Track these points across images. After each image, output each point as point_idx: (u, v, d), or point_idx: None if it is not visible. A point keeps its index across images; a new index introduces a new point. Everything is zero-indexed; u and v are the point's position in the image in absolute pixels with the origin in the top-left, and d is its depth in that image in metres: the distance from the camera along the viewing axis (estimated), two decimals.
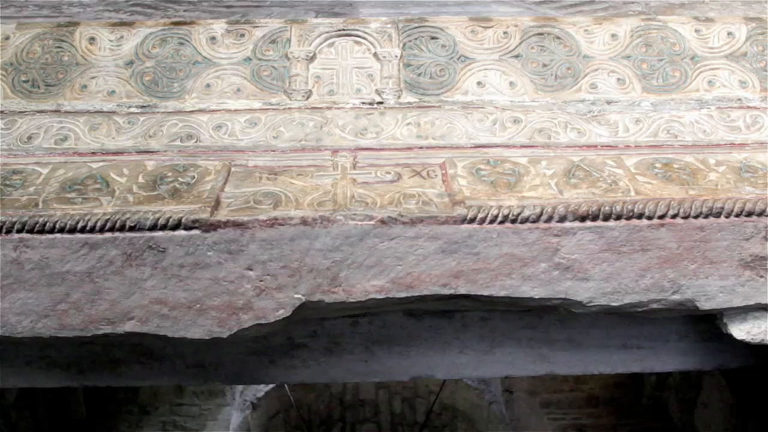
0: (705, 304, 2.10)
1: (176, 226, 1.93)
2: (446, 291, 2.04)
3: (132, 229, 1.94)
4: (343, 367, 2.55)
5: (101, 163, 2.19)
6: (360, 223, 1.94)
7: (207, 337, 2.10)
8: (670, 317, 2.41)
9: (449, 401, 9.44)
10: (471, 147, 2.26)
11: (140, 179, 2.11)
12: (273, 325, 2.10)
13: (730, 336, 2.22)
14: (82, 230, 1.94)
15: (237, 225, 1.94)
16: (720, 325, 2.23)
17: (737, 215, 1.98)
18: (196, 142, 2.27)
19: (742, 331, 2.19)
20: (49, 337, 2.09)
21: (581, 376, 9.10)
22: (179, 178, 2.10)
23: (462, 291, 2.04)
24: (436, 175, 2.13)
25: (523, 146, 2.26)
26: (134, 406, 8.49)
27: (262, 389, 8.73)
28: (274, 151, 2.25)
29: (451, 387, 9.15)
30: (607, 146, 2.27)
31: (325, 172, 2.14)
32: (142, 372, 2.55)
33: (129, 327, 2.07)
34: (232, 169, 2.16)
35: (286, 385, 8.62)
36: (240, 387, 8.67)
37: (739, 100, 2.41)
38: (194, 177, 2.11)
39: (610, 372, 2.60)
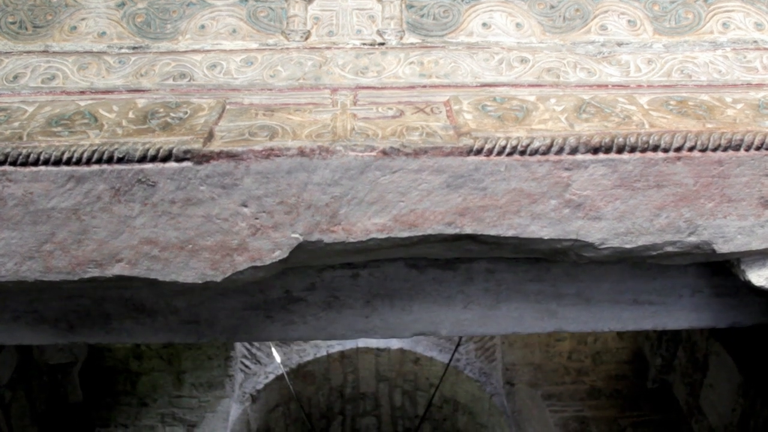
0: (722, 247, 2.00)
1: (167, 158, 1.83)
2: (451, 230, 1.94)
3: (120, 161, 1.83)
4: (342, 322, 2.45)
5: (90, 101, 2.09)
6: (360, 154, 1.83)
7: (200, 281, 1.99)
8: (684, 264, 2.31)
9: (450, 394, 9.33)
10: (476, 86, 2.16)
11: (130, 115, 2.01)
12: (269, 269, 2.00)
13: (747, 284, 2.12)
14: (68, 162, 1.83)
15: (231, 156, 1.83)
16: (737, 272, 2.13)
17: (757, 148, 1.88)
18: (189, 80, 2.17)
19: (761, 277, 2.09)
20: (34, 281, 1.99)
21: (583, 368, 9.02)
22: (171, 114, 2.00)
23: (468, 230, 1.94)
24: (440, 112, 2.03)
25: (530, 85, 2.17)
26: (132, 398, 8.41)
27: (262, 381, 8.64)
28: (270, 89, 2.15)
29: (452, 379, 9.06)
30: (618, 86, 2.17)
31: (324, 109, 2.04)
32: (133, 328, 2.44)
33: (117, 270, 1.97)
34: (227, 106, 2.07)
35: (286, 377, 8.53)
36: (239, 379, 8.58)
37: (755, 42, 2.31)
38: (187, 112, 2.01)
39: (620, 329, 2.50)
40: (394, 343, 9.21)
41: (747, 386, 4.64)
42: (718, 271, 2.42)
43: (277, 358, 8.46)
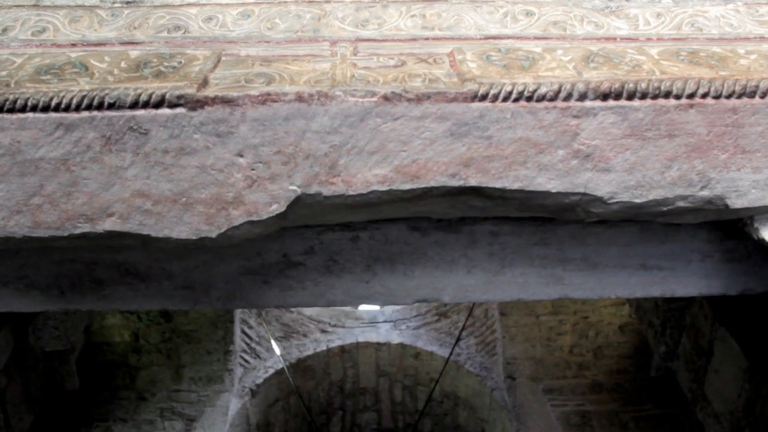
0: (736, 202, 1.93)
1: (159, 104, 1.76)
2: (455, 182, 1.86)
3: (111, 107, 1.76)
4: (342, 288, 2.37)
5: (81, 53, 2.02)
6: (361, 99, 1.76)
7: (194, 237, 1.92)
8: (694, 224, 2.24)
9: (450, 388, 9.26)
10: (480, 38, 2.09)
11: (122, 65, 1.94)
12: (266, 224, 1.93)
13: (761, 243, 2.05)
14: (57, 109, 1.76)
15: (226, 102, 1.76)
16: (750, 230, 2.06)
17: None
18: (184, 33, 2.10)
19: None
20: (22, 237, 1.92)
21: (584, 362, 8.95)
22: (165, 63, 1.93)
23: (472, 182, 1.87)
24: (443, 62, 1.96)
25: (536, 38, 2.10)
26: (131, 392, 8.35)
27: (261, 376, 8.58)
28: (268, 42, 2.08)
29: (452, 374, 8.99)
30: (627, 38, 2.10)
31: (324, 59, 1.97)
32: (127, 294, 2.37)
33: (109, 225, 1.90)
34: (223, 57, 1.99)
35: (286, 371, 8.46)
36: (239, 374, 8.51)
37: None
38: (181, 62, 1.94)
39: (628, 296, 2.42)
40: (395, 338, 9.14)
41: (753, 371, 4.56)
42: (729, 234, 2.34)
43: (277, 351, 8.39)
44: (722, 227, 2.33)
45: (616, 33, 2.12)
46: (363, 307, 10.16)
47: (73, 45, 2.08)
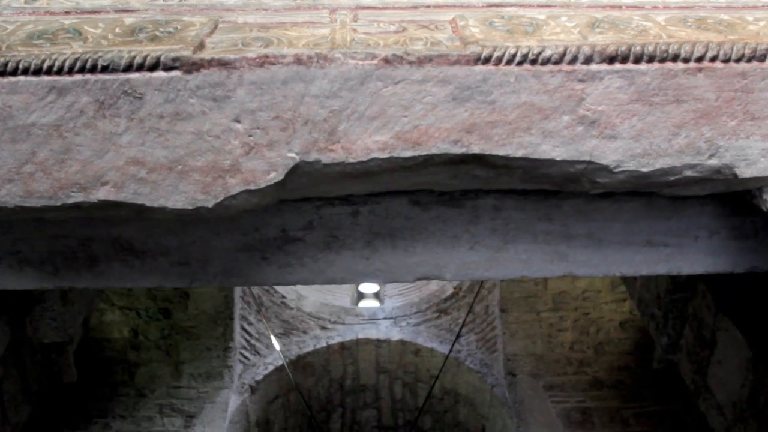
0: (745, 171, 1.88)
1: (154, 67, 1.71)
2: (457, 149, 1.82)
3: (105, 70, 1.72)
4: (342, 265, 2.32)
5: (75, 20, 1.98)
6: (361, 62, 1.72)
7: (190, 207, 1.87)
8: (702, 197, 2.19)
9: (451, 385, 9.21)
10: (483, 5, 2.05)
11: (117, 30, 1.90)
12: (264, 194, 1.88)
13: None
14: (49, 72, 1.72)
15: (223, 65, 1.72)
16: (759, 202, 2.01)
17: None
18: (180, 0, 2.06)
19: None
20: (14, 207, 1.87)
21: (585, 359, 8.91)
22: (160, 29, 1.89)
23: (475, 149, 1.82)
24: (446, 28, 1.92)
25: (540, 5, 2.06)
26: (130, 388, 8.31)
27: (261, 373, 8.53)
28: (266, 9, 2.04)
29: (452, 371, 8.94)
30: (632, 6, 2.07)
31: (323, 26, 1.93)
32: (122, 271, 2.32)
33: (103, 194, 1.85)
34: (220, 24, 1.95)
35: (286, 367, 8.41)
36: (238, 370, 8.46)
37: None
38: (177, 28, 1.90)
39: (633, 274, 2.37)
40: (395, 335, 9.09)
41: (756, 361, 4.51)
42: (737, 210, 2.30)
43: (277, 347, 8.34)
44: (730, 203, 2.28)
45: (621, 1, 2.08)
46: (363, 304, 10.12)
47: (67, 13, 2.03)
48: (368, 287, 10.66)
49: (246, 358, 8.62)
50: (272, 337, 8.44)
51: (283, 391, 8.88)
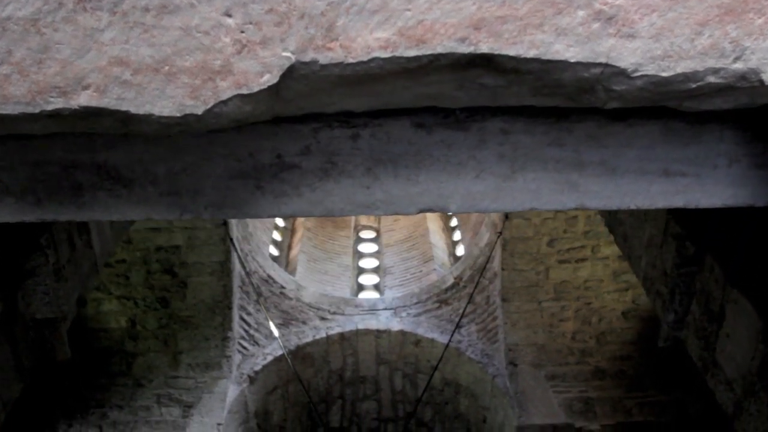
0: None
1: None
2: (464, 48, 1.69)
3: None
4: (341, 194, 2.19)
5: None
6: None
7: (178, 114, 1.75)
8: (722, 118, 2.06)
9: (451, 376, 9.08)
10: None
11: None
12: (258, 100, 1.75)
13: None
14: None
15: None
16: None
17: None
18: None
19: None
20: None
21: (587, 349, 8.78)
22: None
23: (483, 48, 1.69)
24: None
25: None
26: (128, 378, 8.19)
27: (260, 363, 8.40)
28: None
29: (453, 361, 8.81)
30: None
31: None
32: (108, 202, 2.19)
33: (84, 99, 1.73)
34: None
35: (286, 356, 8.27)
36: (237, 360, 8.33)
37: None
38: None
39: (648, 206, 2.24)
40: (395, 325, 8.96)
41: (767, 332, 4.38)
42: (759, 134, 2.17)
43: (275, 333, 8.20)
44: (751, 127, 2.16)
45: None
46: (363, 295, 9.99)
47: None
48: (368, 279, 10.53)
49: (245, 348, 8.48)
50: (271, 325, 8.31)
51: (283, 381, 8.74)
